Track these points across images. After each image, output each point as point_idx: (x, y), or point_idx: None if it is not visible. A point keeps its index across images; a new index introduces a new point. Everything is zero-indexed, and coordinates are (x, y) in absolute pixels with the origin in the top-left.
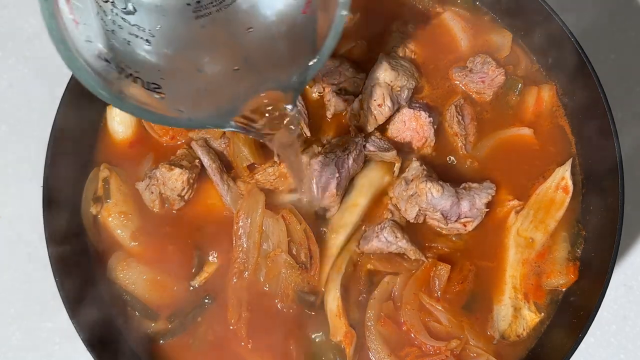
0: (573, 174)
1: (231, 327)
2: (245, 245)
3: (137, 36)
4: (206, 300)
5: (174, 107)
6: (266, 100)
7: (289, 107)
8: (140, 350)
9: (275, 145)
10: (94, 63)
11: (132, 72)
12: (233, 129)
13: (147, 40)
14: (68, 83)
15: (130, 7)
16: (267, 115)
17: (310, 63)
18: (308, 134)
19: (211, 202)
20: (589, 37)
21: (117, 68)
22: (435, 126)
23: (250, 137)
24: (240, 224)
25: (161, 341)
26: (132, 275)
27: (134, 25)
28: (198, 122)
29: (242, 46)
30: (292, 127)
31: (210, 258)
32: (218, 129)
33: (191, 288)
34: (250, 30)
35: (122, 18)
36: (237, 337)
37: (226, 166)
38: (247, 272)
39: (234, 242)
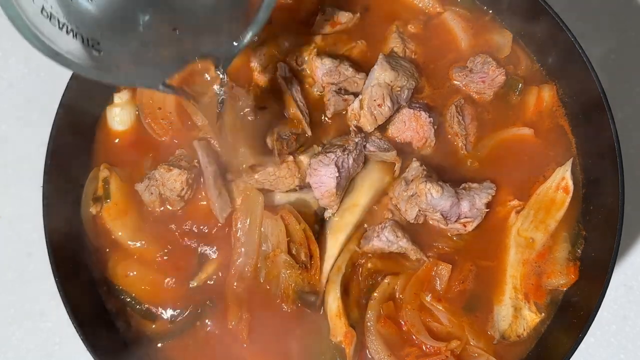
0: (573, 173)
1: (231, 329)
2: (244, 247)
3: None
4: (208, 303)
5: (110, 65)
6: (199, 65)
7: (219, 73)
8: (140, 350)
9: (202, 107)
10: (36, 18)
11: (72, 27)
12: (165, 90)
13: None
14: (68, 83)
15: None
16: (200, 79)
17: (244, 33)
18: (309, 133)
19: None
20: (589, 37)
21: (58, 24)
22: (435, 126)
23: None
24: (239, 225)
25: (161, 342)
26: (132, 276)
27: None
28: (133, 79)
29: (182, 8)
30: (219, 92)
31: (210, 258)
32: (151, 89)
33: (190, 286)
34: None
35: None
36: (238, 338)
37: (224, 167)
38: (247, 274)
39: (233, 243)
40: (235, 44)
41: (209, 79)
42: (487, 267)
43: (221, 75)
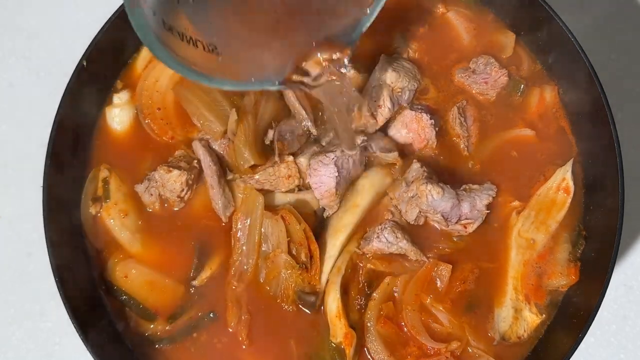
0: (573, 174)
1: (230, 330)
2: (244, 247)
3: None
4: (211, 315)
5: (231, 68)
6: (321, 54)
7: (345, 58)
8: (140, 350)
9: (323, 96)
10: (160, 34)
11: (190, 35)
12: (281, 87)
13: None
14: (68, 83)
15: None
16: (320, 68)
17: (367, 11)
18: (315, 132)
19: (211, 203)
20: (589, 37)
21: (178, 35)
22: (436, 128)
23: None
24: (239, 225)
25: (160, 344)
26: (131, 276)
27: None
28: (255, 83)
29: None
30: (343, 75)
31: (211, 258)
32: (270, 89)
33: (192, 290)
34: None
35: None
36: (237, 339)
37: (223, 168)
38: (246, 274)
39: (232, 244)
40: (357, 23)
41: (331, 66)
42: (488, 268)
43: (348, 58)
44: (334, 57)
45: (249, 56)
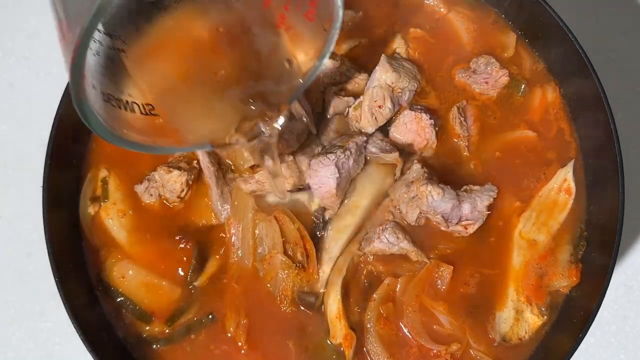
0: (574, 174)
1: (229, 335)
2: (240, 252)
3: (117, 49)
4: (209, 317)
5: (172, 129)
6: (256, 116)
7: (279, 121)
8: (138, 351)
9: (255, 152)
10: (101, 107)
11: (127, 98)
12: (216, 147)
13: (123, 50)
14: (68, 83)
15: None
16: (255, 131)
17: (301, 78)
18: (314, 131)
19: (210, 203)
20: (589, 37)
21: (117, 102)
22: (437, 128)
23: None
24: (233, 231)
25: (158, 345)
26: (128, 277)
27: (106, 34)
28: (196, 143)
29: (219, 52)
30: (272, 138)
31: (209, 260)
32: (204, 149)
33: (191, 291)
34: (220, 29)
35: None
36: (235, 343)
37: (223, 168)
38: (243, 278)
39: (229, 249)
40: (297, 84)
41: (264, 129)
42: (489, 269)
43: (282, 120)
44: (269, 114)
45: (188, 114)
